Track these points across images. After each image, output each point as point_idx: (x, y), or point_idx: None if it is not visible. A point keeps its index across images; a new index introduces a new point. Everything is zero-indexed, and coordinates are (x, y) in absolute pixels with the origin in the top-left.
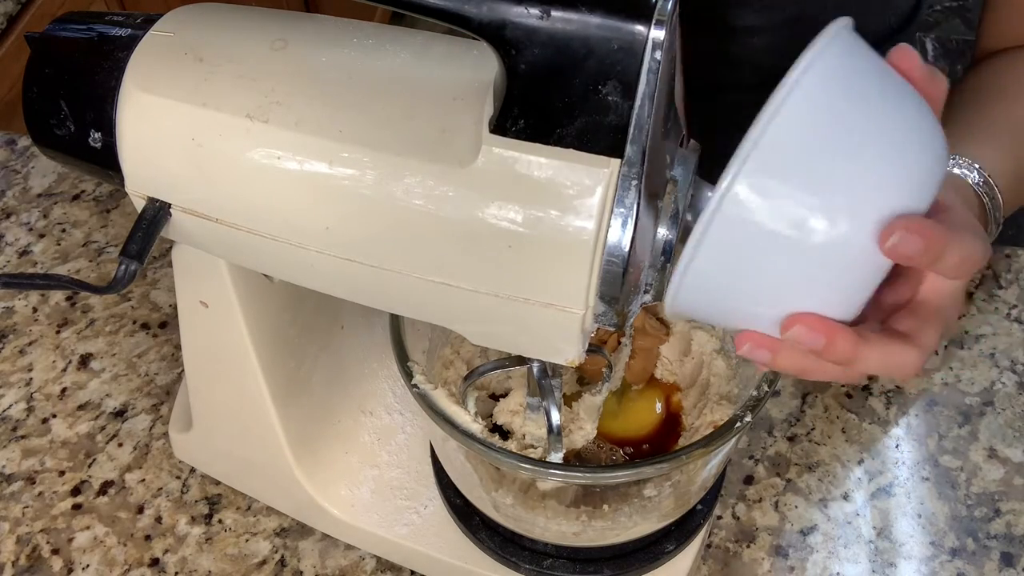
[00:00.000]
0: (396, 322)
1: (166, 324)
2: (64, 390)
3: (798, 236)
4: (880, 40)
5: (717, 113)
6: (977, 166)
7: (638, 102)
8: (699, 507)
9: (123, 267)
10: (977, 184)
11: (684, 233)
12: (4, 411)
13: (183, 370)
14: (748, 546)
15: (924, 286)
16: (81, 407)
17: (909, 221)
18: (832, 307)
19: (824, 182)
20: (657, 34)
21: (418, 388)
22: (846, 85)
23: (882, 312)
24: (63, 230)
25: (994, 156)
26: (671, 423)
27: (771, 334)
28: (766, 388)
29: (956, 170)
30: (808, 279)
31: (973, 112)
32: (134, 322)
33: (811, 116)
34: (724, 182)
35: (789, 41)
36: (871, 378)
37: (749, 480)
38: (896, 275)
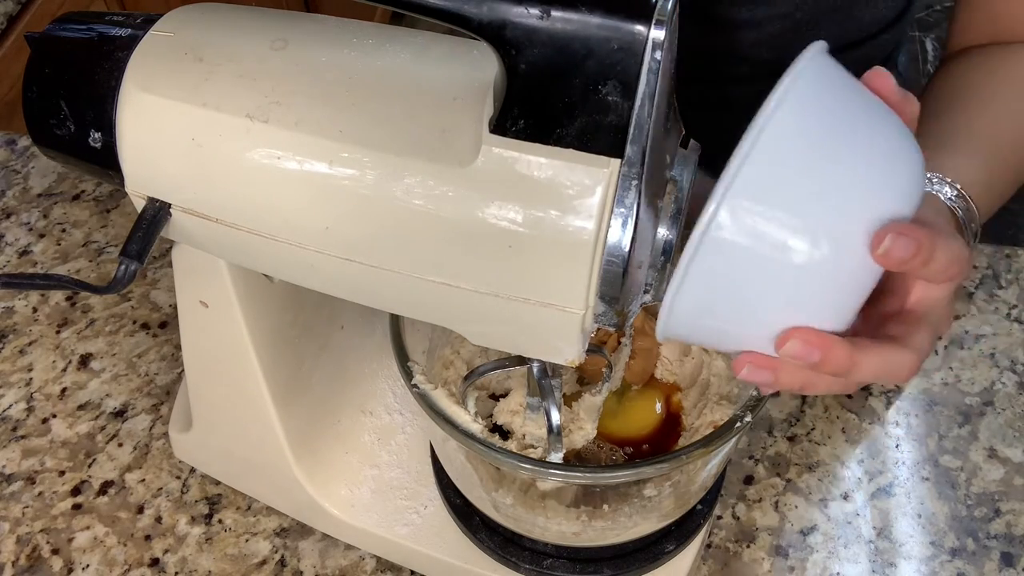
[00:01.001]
0: (396, 322)
1: (166, 324)
2: (64, 390)
3: (785, 256)
4: (874, 34)
5: (715, 107)
6: (949, 180)
7: (638, 102)
8: (699, 507)
9: (123, 267)
10: (950, 199)
11: (685, 233)
12: (4, 411)
13: (183, 370)
14: (748, 546)
15: (912, 298)
16: (81, 407)
17: (899, 225)
18: (824, 321)
19: (810, 201)
20: (657, 34)
21: (418, 388)
22: (823, 108)
23: (873, 326)
24: (63, 230)
25: (967, 165)
26: (671, 423)
27: (766, 352)
28: None
29: (928, 188)
30: (799, 296)
31: (945, 120)
32: (134, 322)
33: (791, 140)
34: (709, 209)
35: (786, 35)
36: None
37: (749, 480)
38: (883, 291)
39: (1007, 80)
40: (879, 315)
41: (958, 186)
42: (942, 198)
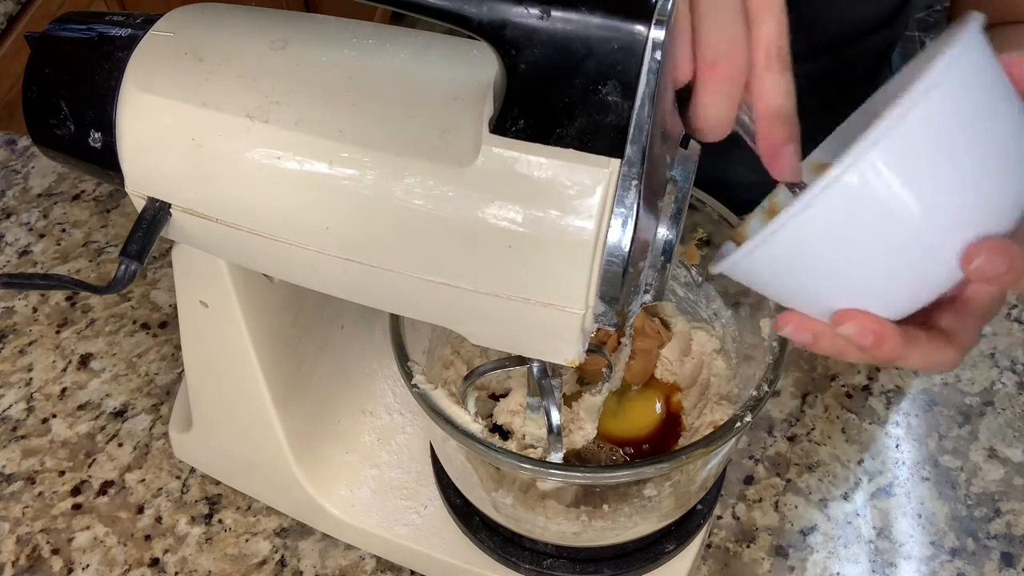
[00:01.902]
0: (396, 322)
1: (166, 324)
2: (64, 390)
3: (891, 233)
4: (868, 31)
5: None
6: None
7: (638, 102)
8: (699, 507)
9: (123, 267)
10: None
11: (684, 234)
12: (4, 411)
13: (183, 370)
14: (748, 546)
15: (971, 289)
16: (81, 407)
17: (995, 242)
18: (889, 307)
19: (935, 188)
20: (657, 34)
21: (418, 388)
22: (980, 92)
23: (925, 310)
24: (63, 230)
25: None
26: (671, 423)
27: (820, 317)
28: (766, 388)
29: None
30: (880, 277)
31: None
32: (134, 322)
33: (945, 117)
34: (845, 162)
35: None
36: (871, 378)
37: (749, 480)
38: None
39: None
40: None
41: None
42: None
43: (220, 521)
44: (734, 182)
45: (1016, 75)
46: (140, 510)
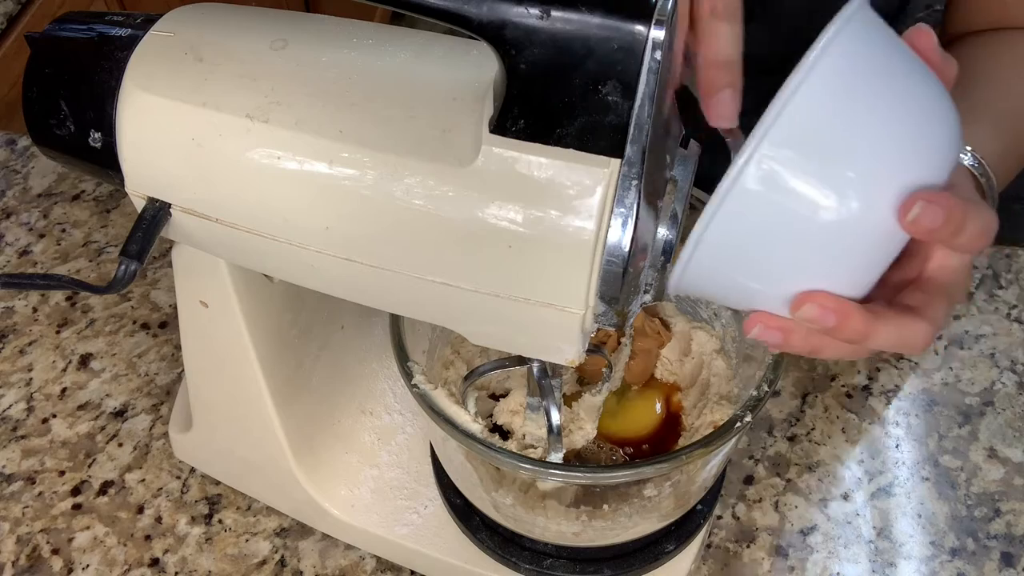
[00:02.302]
0: (396, 322)
1: (166, 324)
2: (64, 390)
3: (816, 211)
4: None
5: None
6: (969, 149)
7: (638, 102)
8: (699, 507)
9: (123, 267)
10: (972, 166)
11: (684, 233)
12: (4, 411)
13: (183, 370)
14: (748, 546)
15: (931, 264)
16: (81, 407)
17: (929, 193)
18: (844, 285)
19: (844, 157)
20: (657, 34)
21: (418, 388)
22: (866, 62)
23: (888, 291)
24: (63, 230)
25: (981, 134)
26: (671, 423)
27: (779, 313)
28: (766, 388)
29: None
30: (822, 255)
31: (954, 95)
32: (134, 322)
33: (832, 93)
34: (741, 157)
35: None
36: (871, 378)
37: (749, 480)
38: (902, 255)
39: (1012, 63)
40: (896, 280)
41: (977, 154)
42: (965, 162)
43: (220, 521)
44: None
45: (920, 47)
46: (140, 510)
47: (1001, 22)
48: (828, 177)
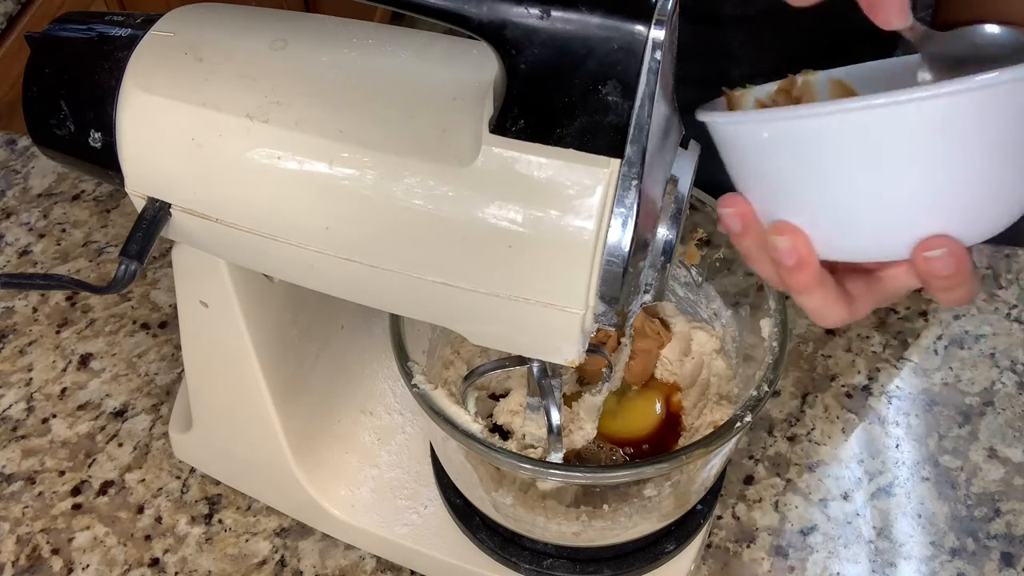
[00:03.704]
0: (396, 322)
1: (166, 324)
2: (64, 390)
3: (906, 177)
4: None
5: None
6: None
7: (638, 102)
8: (699, 507)
9: (123, 267)
10: None
11: (684, 233)
12: (4, 411)
13: (183, 370)
14: (748, 546)
15: (891, 270)
16: (81, 407)
17: (957, 246)
18: (833, 244)
19: (964, 165)
20: (657, 34)
21: (418, 388)
22: None
23: (841, 269)
24: (63, 230)
25: None
26: (671, 423)
27: (764, 217)
28: (766, 388)
29: None
30: (851, 211)
31: None
32: (134, 322)
33: (1009, 108)
34: (945, 87)
35: (767, 33)
36: (871, 378)
37: (749, 480)
38: None
39: None
40: (853, 265)
41: None
42: None
43: (220, 521)
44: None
45: None
46: (140, 510)
47: (988, 18)
48: (941, 166)
